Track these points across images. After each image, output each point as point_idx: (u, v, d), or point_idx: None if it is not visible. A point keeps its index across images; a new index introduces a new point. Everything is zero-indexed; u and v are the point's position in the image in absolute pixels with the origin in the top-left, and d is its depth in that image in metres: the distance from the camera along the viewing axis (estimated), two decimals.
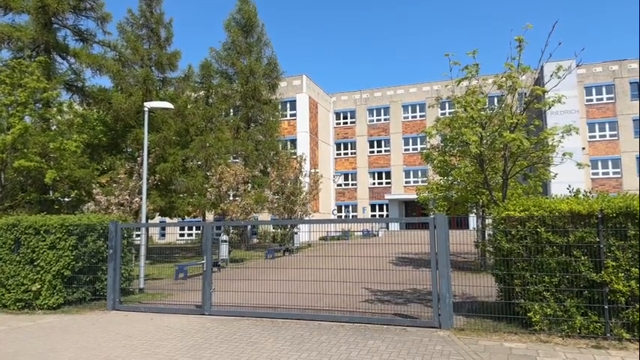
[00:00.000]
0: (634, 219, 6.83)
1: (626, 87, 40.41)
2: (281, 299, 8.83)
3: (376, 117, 48.74)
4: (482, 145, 9.43)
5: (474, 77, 9.49)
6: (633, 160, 38.77)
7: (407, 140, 47.19)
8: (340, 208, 48.25)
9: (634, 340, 6.59)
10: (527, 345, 6.63)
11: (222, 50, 31.66)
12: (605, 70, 41.17)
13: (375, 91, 49.16)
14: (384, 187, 47.44)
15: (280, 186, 26.50)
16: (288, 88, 40.33)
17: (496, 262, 7.83)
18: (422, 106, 46.28)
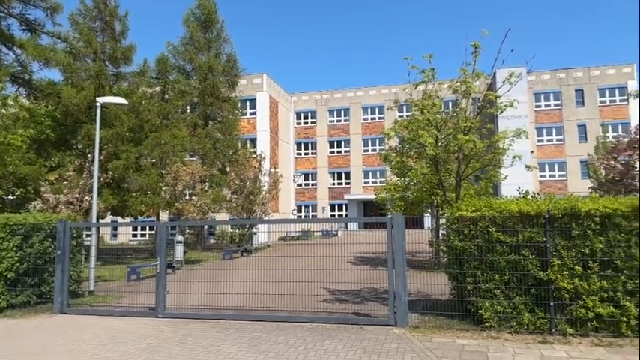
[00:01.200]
0: (578, 219, 7.22)
1: (571, 94, 42.69)
2: (239, 301, 8.72)
3: (336, 118, 49.09)
4: (437, 148, 9.67)
5: (430, 81, 9.72)
6: (577, 164, 40.98)
7: (366, 141, 47.81)
8: (300, 208, 48.26)
9: (577, 335, 6.96)
10: (479, 341, 6.86)
11: (179, 45, 30.93)
12: (553, 78, 43.31)
13: (335, 92, 49.50)
14: (343, 187, 47.86)
15: (239, 185, 26.19)
16: (248, 86, 39.90)
17: (449, 260, 8.07)
18: (381, 108, 47.00)
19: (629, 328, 6.81)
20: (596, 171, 23.29)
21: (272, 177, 29.02)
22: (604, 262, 7.05)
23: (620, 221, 7.08)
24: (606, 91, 42.06)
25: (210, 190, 25.85)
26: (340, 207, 47.65)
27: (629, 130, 20.55)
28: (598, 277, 7.00)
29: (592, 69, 42.61)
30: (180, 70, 30.80)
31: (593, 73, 42.49)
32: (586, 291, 6.99)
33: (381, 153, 16.97)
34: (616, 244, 7.04)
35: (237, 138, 31.38)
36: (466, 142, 9.05)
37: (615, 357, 6.06)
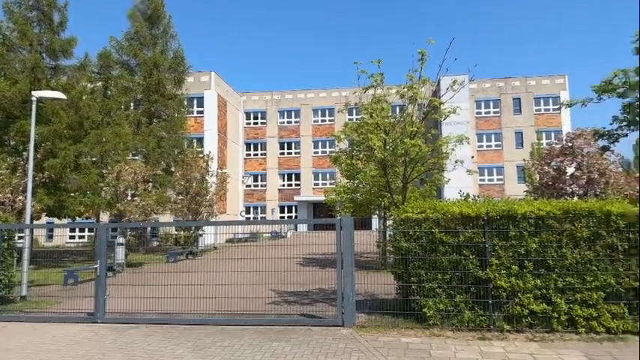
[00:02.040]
0: (514, 221, 7.63)
1: (510, 102, 45.09)
2: (183, 305, 8.49)
3: (287, 119, 49.02)
4: (385, 151, 9.90)
5: (379, 86, 9.94)
6: (514, 169, 43.32)
7: (317, 143, 48.06)
8: (249, 209, 47.69)
9: (513, 331, 7.35)
10: (422, 339, 7.07)
11: (124, 40, 29.66)
12: (493, 86, 45.56)
13: (286, 93, 49.42)
14: (293, 188, 47.83)
15: (185, 186, 25.48)
16: (195, 84, 38.95)
17: (395, 260, 8.29)
18: (331, 111, 47.44)
19: (560, 324, 7.27)
20: (531, 175, 24.65)
21: (220, 177, 28.49)
22: (538, 261, 7.49)
23: (552, 223, 7.55)
24: (541, 100, 44.79)
25: (153, 190, 24.95)
26: (290, 208, 47.58)
27: (561, 138, 21.97)
28: (532, 276, 7.43)
29: (529, 79, 45.24)
30: (124, 66, 29.56)
31: (530, 83, 45.13)
32: (521, 289, 7.40)
33: (331, 155, 17.13)
34: (549, 244, 7.51)
35: (183, 137, 30.49)
36: (412, 146, 9.32)
37: (547, 351, 6.45)
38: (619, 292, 7.27)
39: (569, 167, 19.66)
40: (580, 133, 19.88)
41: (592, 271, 7.34)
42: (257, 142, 48.98)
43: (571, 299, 7.31)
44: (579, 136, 19.73)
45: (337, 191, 19.75)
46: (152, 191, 24.16)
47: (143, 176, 22.57)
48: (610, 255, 7.38)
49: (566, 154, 19.59)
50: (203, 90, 40.05)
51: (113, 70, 27.98)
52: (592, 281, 7.30)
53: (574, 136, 20.15)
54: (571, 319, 7.28)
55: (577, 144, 19.40)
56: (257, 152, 48.94)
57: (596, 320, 7.20)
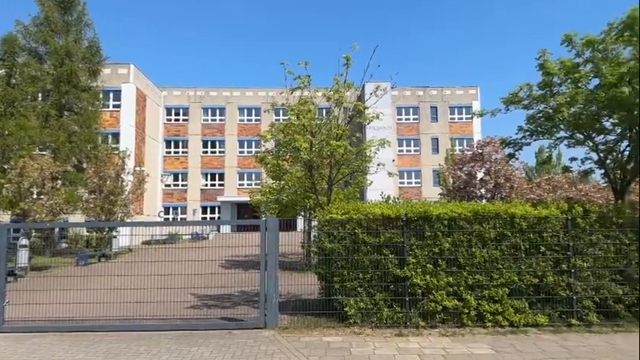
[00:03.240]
0: (430, 222, 8.06)
1: (427, 110, 47.61)
2: (95, 310, 7.92)
3: (211, 117, 47.70)
4: (312, 152, 9.99)
5: (306, 88, 10.01)
6: (430, 173, 45.75)
7: (242, 143, 47.28)
8: (168, 209, 45.74)
9: (427, 327, 7.75)
10: (343, 338, 7.22)
11: (32, 25, 27.07)
12: (413, 94, 47.87)
13: (210, 89, 48.08)
14: (216, 188, 46.62)
15: (98, 184, 23.83)
16: (112, 77, 36.65)
17: (319, 261, 8.39)
18: (258, 110, 46.95)
19: (470, 319, 7.80)
20: (445, 179, 26.17)
21: (137, 176, 26.97)
22: (450, 260, 7.97)
23: (463, 224, 8.08)
24: (455, 109, 47.80)
25: (63, 188, 23.09)
26: (213, 209, 46.33)
27: (472, 145, 23.59)
28: (445, 274, 7.90)
29: (444, 89, 48.07)
30: (32, 53, 26.99)
31: (446, 93, 47.98)
32: (435, 286, 7.83)
33: (256, 155, 16.95)
34: (460, 244, 8.03)
35: (97, 132, 28.47)
36: (338, 148, 9.49)
37: (458, 345, 6.87)
38: (521, 288, 7.95)
39: (479, 172, 21.14)
40: (489, 141, 21.48)
41: (498, 268, 7.95)
42: (178, 140, 47.13)
43: (479, 295, 7.87)
44: (488, 143, 21.32)
45: (263, 192, 19.59)
46: (61, 189, 22.34)
47: (51, 173, 20.81)
48: (514, 254, 8.05)
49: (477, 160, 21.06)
50: (121, 83, 37.77)
51: (19, 57, 25.46)
52: (498, 278, 7.91)
53: (484, 144, 21.73)
54: (479, 314, 7.83)
55: (486, 151, 20.95)
56: (178, 150, 47.08)
57: (501, 315, 7.82)
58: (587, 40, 9.14)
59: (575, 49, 9.42)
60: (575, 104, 9.23)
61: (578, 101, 9.16)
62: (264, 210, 19.93)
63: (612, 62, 8.88)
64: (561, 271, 8.00)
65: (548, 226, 8.13)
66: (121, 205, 24.46)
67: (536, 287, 7.99)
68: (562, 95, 9.40)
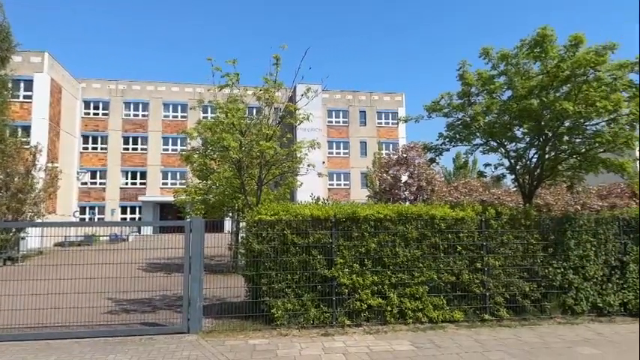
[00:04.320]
0: (357, 223, 8.24)
1: (357, 114, 48.85)
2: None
3: (133, 111, 45.32)
4: (241, 152, 9.82)
5: (234, 85, 9.83)
6: (359, 175, 46.93)
7: (167, 140, 45.39)
8: (84, 209, 42.79)
9: (353, 326, 7.90)
10: (270, 340, 7.16)
11: None
12: (343, 98, 48.89)
13: (133, 83, 45.69)
14: (138, 187, 44.35)
15: (5, 181, 21.71)
16: (24, 65, 33.59)
17: (247, 263, 8.26)
18: (184, 107, 45.33)
19: (392, 316, 8.07)
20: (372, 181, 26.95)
21: (49, 173, 24.95)
22: (375, 259, 8.21)
23: (388, 225, 8.36)
24: (382, 115, 49.50)
25: None
26: (133, 209, 44.00)
27: (398, 149, 24.50)
28: (371, 273, 8.12)
29: (373, 94, 49.63)
30: None
31: (374, 98, 49.55)
32: (361, 285, 8.02)
33: (182, 153, 16.35)
34: (385, 244, 8.29)
35: (4, 124, 25.94)
36: (268, 149, 9.41)
37: (381, 342, 7.08)
38: (439, 286, 8.37)
39: (403, 175, 22.02)
40: (413, 146, 22.45)
41: (419, 267, 8.31)
42: (97, 135, 44.26)
43: (402, 293, 8.18)
44: (412, 148, 22.28)
45: (188, 192, 18.95)
46: None
47: None
48: (433, 253, 8.46)
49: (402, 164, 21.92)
50: (33, 72, 34.72)
51: None
52: (419, 277, 8.27)
53: (408, 149, 22.67)
54: (401, 312, 8.14)
55: (410, 155, 21.87)
56: (96, 146, 44.19)
57: (422, 312, 8.18)
58: (501, 54, 9.84)
59: (491, 62, 10.08)
60: (490, 114, 9.90)
61: (492, 111, 9.83)
62: (189, 211, 19.28)
63: (523, 76, 9.64)
64: (476, 269, 8.54)
65: (464, 227, 8.64)
66: (30, 204, 22.49)
67: (453, 285, 8.46)
68: (479, 105, 10.04)
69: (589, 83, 8.64)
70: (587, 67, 8.44)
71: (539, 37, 9.09)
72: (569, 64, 8.60)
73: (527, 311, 8.63)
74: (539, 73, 9.44)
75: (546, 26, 9.05)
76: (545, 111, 9.06)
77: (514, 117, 9.61)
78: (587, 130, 9.27)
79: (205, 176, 16.30)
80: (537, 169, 10.12)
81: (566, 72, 8.69)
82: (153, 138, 45.17)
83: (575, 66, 8.50)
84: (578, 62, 8.45)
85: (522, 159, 10.43)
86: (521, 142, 10.30)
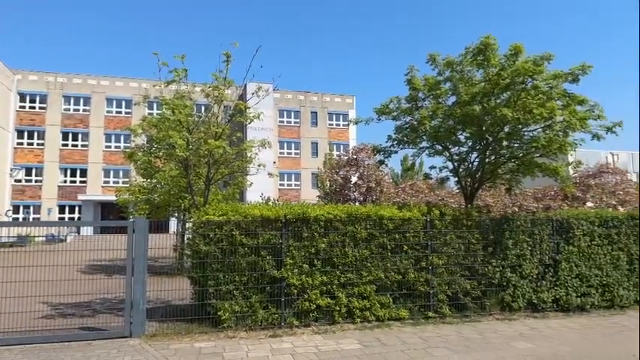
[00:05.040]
0: (308, 223, 8.26)
1: (308, 115, 49.02)
2: None
3: (74, 106, 43.05)
4: (188, 150, 9.58)
5: (182, 81, 9.58)
6: (309, 175, 47.09)
7: (109, 136, 43.47)
8: (18, 208, 40.15)
9: (301, 326, 7.91)
10: (216, 343, 7.02)
11: None
12: (295, 98, 48.90)
13: (74, 76, 43.41)
14: (77, 186, 42.17)
15: None
16: None
17: (193, 264, 8.06)
18: (128, 102, 43.59)
19: (341, 316, 8.15)
20: (323, 182, 27.09)
21: None
22: (325, 259, 8.26)
23: (338, 225, 8.44)
24: (334, 116, 49.99)
25: None
26: (72, 209, 41.77)
27: (348, 151, 24.80)
28: (320, 273, 8.16)
29: (324, 95, 49.99)
30: None
31: (325, 99, 49.93)
32: (310, 286, 8.04)
33: (125, 150, 15.73)
34: (334, 244, 8.36)
35: None
36: (217, 147, 9.23)
37: (329, 342, 7.13)
38: (386, 285, 8.55)
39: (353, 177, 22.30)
40: (363, 148, 22.80)
41: (367, 267, 8.45)
42: (33, 130, 41.65)
43: (350, 293, 8.28)
44: (362, 150, 22.62)
45: (131, 191, 18.23)
46: None
47: None
48: (381, 253, 8.63)
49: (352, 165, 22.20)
50: None
51: None
52: (367, 276, 8.41)
53: (358, 150, 22.99)
54: (349, 311, 8.24)
55: (360, 157, 22.20)
56: (32, 141, 41.59)
57: (369, 310, 8.32)
58: (447, 61, 10.20)
59: (437, 68, 10.43)
60: (436, 118, 10.23)
61: (438, 115, 10.17)
62: (132, 211, 18.56)
63: (467, 83, 10.04)
64: (421, 268, 8.80)
65: (410, 227, 8.88)
66: None
67: (399, 283, 8.67)
68: (425, 109, 10.34)
69: (527, 91, 9.13)
70: (525, 75, 8.91)
71: (482, 46, 9.50)
72: (510, 73, 9.05)
73: (468, 308, 8.99)
74: (482, 81, 9.87)
75: (489, 35, 9.47)
76: (486, 117, 9.47)
77: (458, 122, 9.98)
78: (524, 135, 9.79)
79: (150, 175, 15.78)
80: (478, 172, 10.57)
81: (506, 80, 9.13)
82: (94, 134, 43.14)
83: (515, 74, 8.96)
84: (517, 71, 8.91)
85: (465, 162, 10.85)
86: (464, 146, 10.72)
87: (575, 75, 9.17)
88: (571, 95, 9.35)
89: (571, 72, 9.19)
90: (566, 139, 9.21)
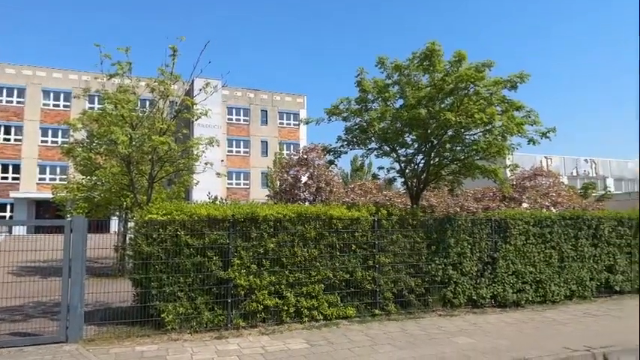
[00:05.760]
0: (256, 223, 8.18)
1: (258, 113, 48.55)
2: None
3: (6, 97, 40.25)
4: (131, 146, 9.23)
5: (126, 75, 9.22)
6: (259, 174, 46.71)
7: (45, 130, 41.01)
8: None
9: (248, 327, 7.82)
10: (159, 346, 6.81)
11: None
12: (244, 96, 48.29)
13: (7, 66, 40.59)
14: (9, 182, 39.45)
15: None
16: None
17: (135, 265, 7.78)
18: (67, 95, 41.31)
19: (289, 316, 8.14)
20: (273, 182, 26.95)
21: None
22: (274, 259, 8.22)
23: (287, 225, 8.42)
24: (284, 115, 49.84)
25: None
26: (3, 207, 39.03)
27: (299, 150, 24.83)
28: (268, 274, 8.10)
29: (275, 94, 49.73)
30: None
31: (276, 98, 49.68)
32: (258, 286, 7.97)
33: (63, 146, 14.90)
34: (284, 244, 8.34)
35: None
36: (161, 144, 8.96)
37: (277, 342, 7.10)
38: (335, 284, 8.64)
39: (303, 176, 22.35)
40: (313, 148, 22.88)
41: (316, 266, 8.50)
42: None
43: (298, 292, 8.30)
44: (313, 150, 22.70)
45: (69, 188, 17.33)
46: None
47: None
48: (330, 252, 8.70)
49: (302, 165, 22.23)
50: None
51: None
52: (315, 275, 8.45)
53: (309, 150, 23.06)
54: (297, 311, 8.25)
55: (310, 157, 22.27)
56: None
57: (317, 310, 8.37)
58: (395, 65, 10.45)
59: (386, 72, 10.67)
60: (385, 120, 10.46)
61: (386, 117, 10.40)
62: (70, 209, 17.64)
63: (414, 87, 10.34)
64: (368, 266, 8.96)
65: (359, 226, 9.02)
66: None
67: (347, 282, 8.78)
68: (374, 111, 10.55)
69: (469, 97, 9.53)
70: (468, 81, 9.30)
71: (429, 52, 9.82)
72: (453, 78, 9.40)
73: (412, 305, 9.26)
74: (428, 85, 10.19)
75: (435, 41, 9.80)
76: (431, 120, 9.80)
77: (405, 124, 10.25)
78: (466, 139, 10.21)
79: (90, 172, 15.07)
80: (424, 173, 10.91)
81: (450, 85, 9.48)
82: (29, 128, 40.57)
83: (458, 80, 9.32)
84: (460, 77, 9.28)
85: (411, 163, 11.16)
86: (411, 148, 11.02)
87: (514, 82, 9.67)
88: (509, 101, 9.85)
89: (510, 79, 9.69)
90: (505, 143, 9.71)
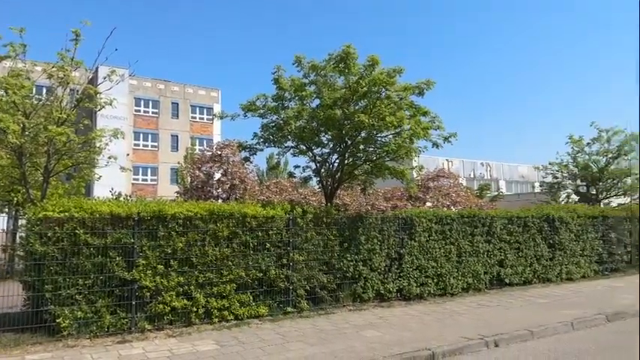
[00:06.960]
0: (164, 221, 7.82)
1: (168, 105, 46.33)
2: None
3: None
4: (23, 136, 8.38)
5: (19, 58, 8.34)
6: (168, 170, 44.63)
7: None
8: None
9: (154, 330, 7.46)
10: (53, 354, 6.26)
11: None
12: (154, 87, 45.83)
13: None
14: None
15: None
16: None
17: (27, 267, 7.07)
18: None
19: (198, 317, 7.90)
20: (183, 178, 25.96)
21: None
22: (183, 259, 7.91)
23: (198, 223, 8.16)
24: (197, 109, 48.10)
25: None
26: None
27: (212, 146, 24.17)
28: (176, 274, 7.79)
29: (187, 86, 47.82)
30: None
31: (188, 91, 47.79)
32: (165, 287, 7.63)
33: None
34: (194, 243, 8.06)
35: None
36: (59, 135, 8.23)
37: (185, 345, 6.86)
38: (247, 283, 8.54)
39: (217, 173, 21.81)
40: (228, 144, 22.42)
41: (228, 266, 8.33)
42: None
43: (209, 293, 8.08)
44: (227, 146, 22.23)
45: None
46: None
47: None
48: (243, 251, 8.58)
49: (215, 161, 21.68)
50: None
51: None
52: (227, 275, 8.29)
53: (223, 146, 22.55)
54: (207, 311, 8.03)
55: (225, 153, 21.79)
56: None
57: (228, 310, 8.22)
58: (312, 65, 10.58)
59: (303, 71, 10.76)
60: (301, 119, 10.56)
61: (303, 116, 10.51)
62: None
63: (330, 87, 10.56)
64: (282, 264, 8.98)
65: (274, 225, 9.00)
66: None
67: (260, 281, 8.72)
68: (291, 109, 10.60)
69: (381, 100, 9.94)
70: (380, 85, 9.70)
71: (344, 54, 10.07)
72: (367, 82, 9.75)
73: (324, 301, 9.45)
74: (343, 87, 10.46)
75: (350, 45, 10.08)
76: (346, 121, 10.07)
77: (321, 124, 10.43)
78: (378, 141, 10.65)
79: None
80: (338, 172, 11.19)
81: (364, 88, 9.82)
82: None
83: (371, 84, 9.69)
84: (373, 81, 9.65)
85: (326, 163, 11.40)
86: (326, 147, 11.25)
87: (422, 89, 10.25)
88: (417, 107, 10.44)
89: (417, 85, 10.26)
90: (412, 146, 10.28)
